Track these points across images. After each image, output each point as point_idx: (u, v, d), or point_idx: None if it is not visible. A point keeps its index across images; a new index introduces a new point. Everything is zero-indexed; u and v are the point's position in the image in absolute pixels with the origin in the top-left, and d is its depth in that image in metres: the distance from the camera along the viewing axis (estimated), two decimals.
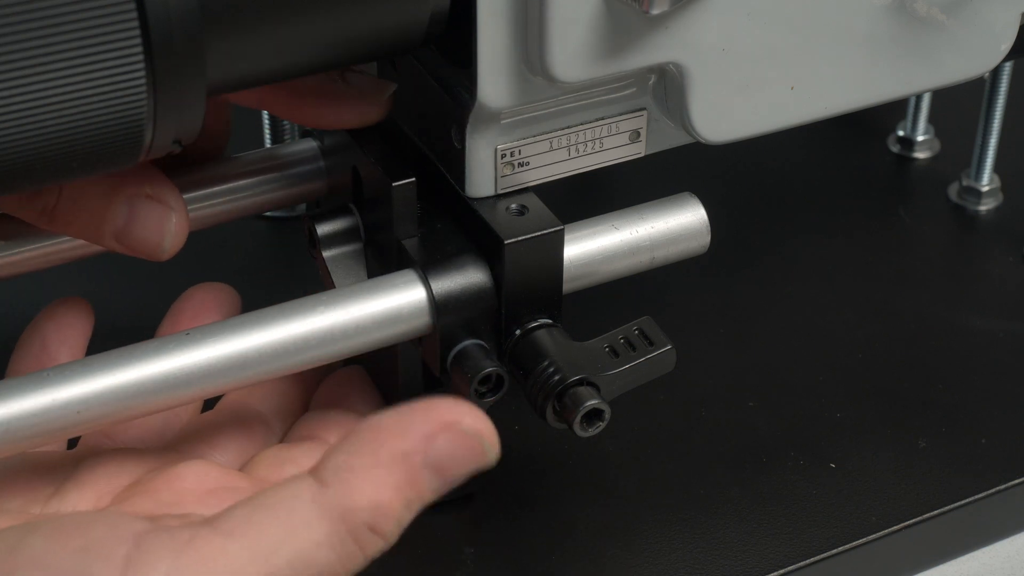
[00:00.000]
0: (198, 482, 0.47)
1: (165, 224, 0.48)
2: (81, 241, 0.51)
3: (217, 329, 0.46)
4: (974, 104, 0.71)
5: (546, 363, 0.48)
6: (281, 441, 0.52)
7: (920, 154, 0.75)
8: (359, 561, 0.41)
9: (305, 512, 0.40)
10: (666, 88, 0.50)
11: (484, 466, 0.42)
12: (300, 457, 0.49)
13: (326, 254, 0.52)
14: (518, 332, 0.49)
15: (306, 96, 0.49)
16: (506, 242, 0.48)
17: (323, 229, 0.52)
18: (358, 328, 0.48)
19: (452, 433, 0.41)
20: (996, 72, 0.68)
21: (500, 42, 0.46)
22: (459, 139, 0.49)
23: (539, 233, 0.49)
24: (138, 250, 0.48)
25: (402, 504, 0.41)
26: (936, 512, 0.56)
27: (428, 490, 0.41)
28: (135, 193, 0.48)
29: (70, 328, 0.51)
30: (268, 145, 0.69)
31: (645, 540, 0.55)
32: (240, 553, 0.40)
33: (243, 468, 0.49)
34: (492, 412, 0.51)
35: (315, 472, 0.41)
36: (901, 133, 0.76)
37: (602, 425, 0.48)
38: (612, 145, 0.51)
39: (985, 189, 0.72)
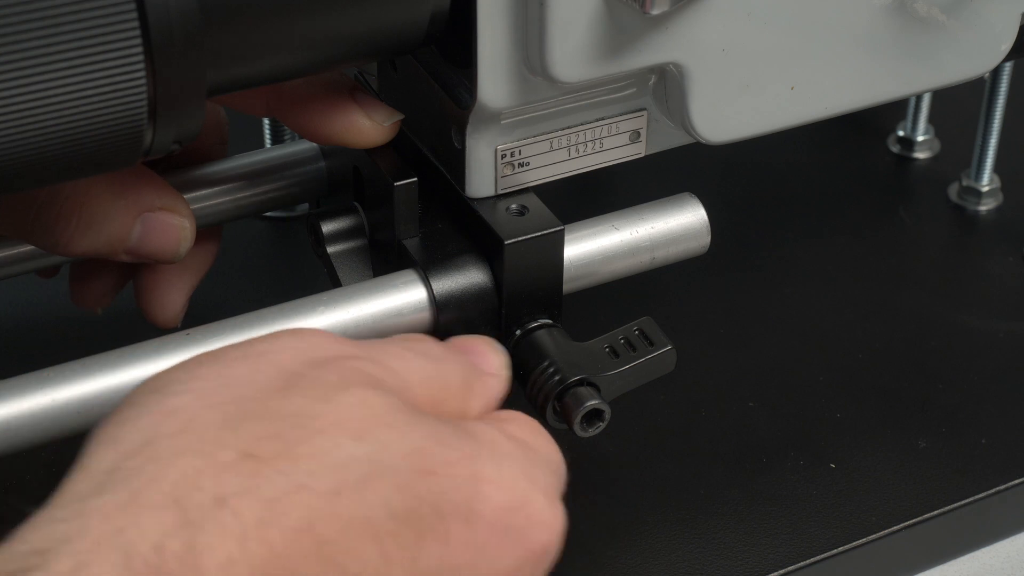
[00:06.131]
0: None
1: (180, 232, 0.49)
2: None
3: (218, 329, 0.46)
4: (974, 104, 0.71)
5: (546, 363, 0.48)
6: None
7: (920, 154, 0.75)
8: None
9: None
10: (666, 88, 0.50)
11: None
12: None
13: (331, 251, 0.52)
14: (518, 332, 0.49)
15: (312, 104, 0.49)
16: (506, 242, 0.48)
17: (328, 227, 0.52)
18: (358, 328, 0.48)
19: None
20: (996, 72, 0.68)
21: (500, 42, 0.46)
22: (459, 139, 0.49)
23: (539, 233, 0.49)
24: (152, 258, 0.50)
25: None
26: (936, 512, 0.56)
27: None
28: (148, 208, 0.49)
29: None
30: (268, 145, 0.69)
31: (645, 540, 0.54)
32: None
33: None
34: None
35: None
36: (901, 133, 0.76)
37: (602, 425, 0.48)
38: (612, 145, 0.51)
39: (985, 189, 0.71)
